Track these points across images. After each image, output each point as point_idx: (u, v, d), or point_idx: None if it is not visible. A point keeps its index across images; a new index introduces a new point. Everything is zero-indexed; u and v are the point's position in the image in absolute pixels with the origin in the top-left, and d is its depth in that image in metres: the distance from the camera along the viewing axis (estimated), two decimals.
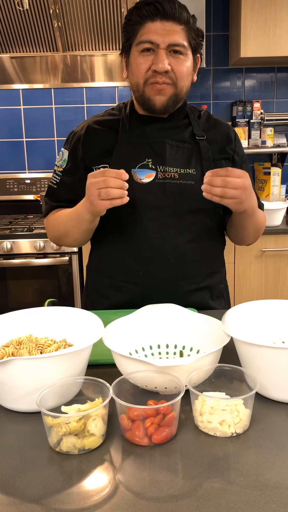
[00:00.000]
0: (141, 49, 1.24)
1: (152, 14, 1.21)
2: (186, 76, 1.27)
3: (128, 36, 1.28)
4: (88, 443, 0.77)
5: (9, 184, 3.21)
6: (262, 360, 0.87)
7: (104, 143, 1.34)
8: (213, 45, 3.19)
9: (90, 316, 1.03)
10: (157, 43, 1.22)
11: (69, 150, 1.40)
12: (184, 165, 1.32)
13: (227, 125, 1.44)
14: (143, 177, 1.30)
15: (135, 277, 1.35)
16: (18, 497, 0.68)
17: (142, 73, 1.25)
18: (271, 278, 2.85)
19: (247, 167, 1.46)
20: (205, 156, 1.34)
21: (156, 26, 1.22)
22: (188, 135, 1.36)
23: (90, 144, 1.36)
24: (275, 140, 3.19)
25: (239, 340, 0.90)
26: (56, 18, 2.78)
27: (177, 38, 1.22)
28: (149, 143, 1.32)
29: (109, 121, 1.38)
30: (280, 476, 0.71)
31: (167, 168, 1.31)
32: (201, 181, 1.32)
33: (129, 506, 0.66)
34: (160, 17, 1.21)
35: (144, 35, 1.23)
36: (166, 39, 1.22)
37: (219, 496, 0.67)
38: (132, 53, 1.27)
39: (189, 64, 1.27)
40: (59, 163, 1.42)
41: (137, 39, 1.25)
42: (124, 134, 1.34)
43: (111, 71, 3.22)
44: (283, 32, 2.83)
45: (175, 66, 1.24)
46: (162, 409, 0.79)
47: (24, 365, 0.83)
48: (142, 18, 1.23)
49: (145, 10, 1.22)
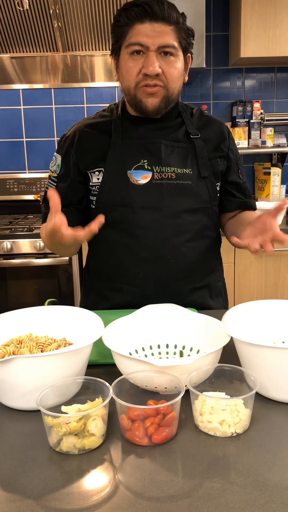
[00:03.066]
0: (130, 51, 1.22)
1: (141, 15, 1.19)
2: (177, 78, 1.25)
3: (117, 38, 1.25)
4: (88, 443, 0.77)
5: (9, 184, 3.21)
6: (262, 360, 0.87)
7: (97, 146, 1.33)
8: (213, 45, 3.19)
9: (89, 315, 1.04)
10: (147, 45, 1.19)
11: (61, 155, 1.38)
12: (181, 164, 1.32)
13: (220, 122, 1.43)
14: (139, 179, 1.30)
15: (135, 279, 1.35)
16: (18, 497, 0.68)
17: (133, 76, 1.23)
18: (271, 278, 2.85)
19: (241, 165, 1.46)
20: (200, 155, 1.34)
21: (146, 27, 1.19)
22: (182, 134, 1.35)
23: (83, 149, 1.34)
24: (275, 140, 3.19)
25: (239, 340, 0.90)
26: (56, 18, 2.78)
27: (167, 39, 1.20)
28: (144, 143, 1.31)
29: (101, 123, 1.36)
30: (280, 476, 0.71)
31: (163, 168, 1.30)
32: (198, 181, 1.33)
33: (129, 506, 0.66)
34: (149, 18, 1.19)
35: (133, 37, 1.20)
36: (156, 40, 1.19)
37: (219, 496, 0.67)
38: (122, 56, 1.25)
39: (180, 65, 1.25)
40: (53, 168, 1.40)
41: (126, 41, 1.22)
42: (118, 135, 1.32)
43: (111, 71, 3.22)
44: (283, 32, 2.83)
45: (166, 69, 1.22)
46: (162, 409, 0.79)
47: (25, 364, 0.83)
48: (130, 19, 1.20)
49: (134, 12, 1.19)
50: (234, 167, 1.43)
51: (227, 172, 1.41)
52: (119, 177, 1.30)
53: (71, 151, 1.35)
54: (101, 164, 1.32)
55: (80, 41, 2.98)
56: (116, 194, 1.31)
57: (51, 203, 1.06)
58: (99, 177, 1.33)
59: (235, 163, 1.43)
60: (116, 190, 1.31)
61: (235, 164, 1.43)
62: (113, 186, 1.31)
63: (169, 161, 1.31)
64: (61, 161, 1.38)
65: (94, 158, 1.33)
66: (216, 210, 1.40)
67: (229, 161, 1.41)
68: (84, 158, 1.34)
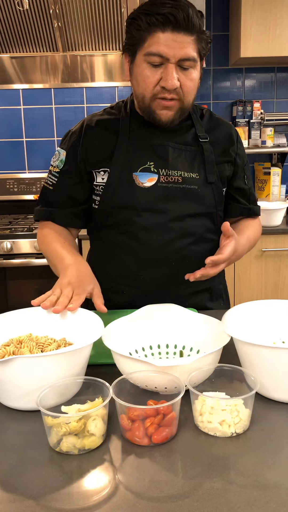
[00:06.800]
0: (149, 61, 1.17)
1: (163, 23, 1.12)
2: (193, 90, 1.22)
3: (133, 40, 1.19)
4: (88, 443, 0.77)
5: (9, 184, 3.21)
6: (262, 360, 0.87)
7: (104, 145, 1.30)
8: (213, 45, 3.18)
9: (89, 315, 1.04)
10: (167, 57, 1.14)
11: (66, 150, 1.34)
12: (187, 168, 1.30)
13: (229, 125, 1.40)
14: (144, 181, 1.28)
15: (136, 281, 1.34)
16: (18, 497, 0.68)
17: (150, 87, 1.19)
18: (271, 278, 2.85)
19: (248, 169, 1.45)
20: (208, 159, 1.32)
21: (167, 37, 1.13)
22: (191, 137, 1.32)
23: (90, 146, 1.32)
24: (275, 140, 3.19)
25: (239, 340, 0.90)
26: (56, 18, 2.78)
27: (188, 51, 1.15)
28: (151, 145, 1.29)
29: (108, 120, 1.33)
30: (280, 476, 0.71)
31: (170, 172, 1.28)
32: (204, 186, 1.31)
33: (129, 506, 0.66)
34: (171, 27, 1.12)
35: (153, 45, 1.15)
36: (177, 52, 1.14)
37: (219, 496, 0.67)
38: (138, 61, 1.20)
39: (197, 75, 1.22)
40: (55, 163, 1.36)
41: (145, 48, 1.17)
42: (125, 135, 1.30)
43: (111, 71, 3.22)
44: (283, 32, 2.83)
45: (184, 81, 1.18)
46: (162, 409, 0.79)
47: (26, 363, 0.83)
48: (151, 25, 1.14)
49: (155, 19, 1.13)
50: (240, 173, 1.41)
51: (233, 177, 1.40)
52: (124, 179, 1.28)
53: (78, 147, 1.32)
54: (107, 164, 1.30)
55: (80, 41, 2.98)
56: (120, 196, 1.29)
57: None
58: (104, 177, 1.30)
59: (241, 169, 1.41)
60: (120, 192, 1.28)
61: (241, 169, 1.41)
62: (117, 188, 1.29)
63: (176, 165, 1.29)
64: (65, 156, 1.34)
65: (100, 157, 1.30)
66: (221, 215, 1.39)
67: (235, 167, 1.39)
68: (90, 156, 1.31)
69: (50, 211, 1.37)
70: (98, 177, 1.32)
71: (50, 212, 1.37)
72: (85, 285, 1.13)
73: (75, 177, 1.34)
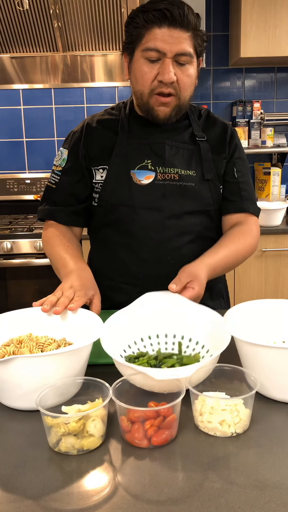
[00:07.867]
0: (146, 56, 1.20)
1: (159, 19, 1.16)
2: (190, 86, 1.25)
3: (132, 38, 1.23)
4: (87, 443, 0.77)
5: (9, 184, 3.21)
6: (263, 360, 0.87)
7: (103, 143, 1.33)
8: (213, 45, 3.19)
9: (89, 315, 1.04)
10: (164, 51, 1.17)
11: (68, 149, 1.38)
12: (185, 166, 1.31)
13: (224, 124, 1.41)
14: (142, 179, 1.30)
15: (135, 279, 1.35)
16: (18, 497, 0.68)
17: (148, 82, 1.21)
18: (271, 278, 2.85)
19: (242, 165, 1.41)
20: (205, 157, 1.33)
21: (163, 33, 1.17)
22: (188, 136, 1.34)
23: (90, 144, 1.35)
24: (275, 140, 3.19)
25: (240, 340, 0.90)
26: (56, 18, 2.78)
27: (185, 47, 1.18)
28: (149, 143, 1.31)
29: (108, 120, 1.37)
30: (280, 476, 0.71)
31: (166, 169, 1.30)
32: (201, 183, 1.32)
33: (129, 506, 0.66)
34: (167, 23, 1.16)
35: (150, 41, 1.18)
36: (174, 47, 1.17)
37: (219, 496, 0.67)
38: (136, 58, 1.23)
39: (193, 71, 1.24)
40: (58, 162, 1.39)
41: (142, 44, 1.20)
42: (124, 134, 1.33)
43: (111, 71, 3.22)
44: (283, 32, 2.83)
45: (180, 77, 1.21)
46: (163, 411, 0.79)
47: (26, 363, 0.83)
48: (148, 22, 1.17)
49: (152, 15, 1.16)
50: (232, 170, 1.39)
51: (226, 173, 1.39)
52: (122, 176, 1.30)
53: (79, 145, 1.35)
54: (106, 162, 1.32)
55: (80, 41, 2.98)
56: (118, 194, 1.31)
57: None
58: (103, 175, 1.33)
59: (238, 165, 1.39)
60: (118, 189, 1.31)
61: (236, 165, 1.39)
62: (115, 185, 1.31)
63: (173, 162, 1.30)
64: (67, 155, 1.37)
65: (99, 155, 1.33)
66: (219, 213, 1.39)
67: (229, 164, 1.39)
68: (90, 153, 1.34)
69: (52, 210, 1.39)
70: (97, 174, 1.34)
71: (52, 211, 1.39)
72: (87, 290, 1.14)
73: (77, 174, 1.36)
